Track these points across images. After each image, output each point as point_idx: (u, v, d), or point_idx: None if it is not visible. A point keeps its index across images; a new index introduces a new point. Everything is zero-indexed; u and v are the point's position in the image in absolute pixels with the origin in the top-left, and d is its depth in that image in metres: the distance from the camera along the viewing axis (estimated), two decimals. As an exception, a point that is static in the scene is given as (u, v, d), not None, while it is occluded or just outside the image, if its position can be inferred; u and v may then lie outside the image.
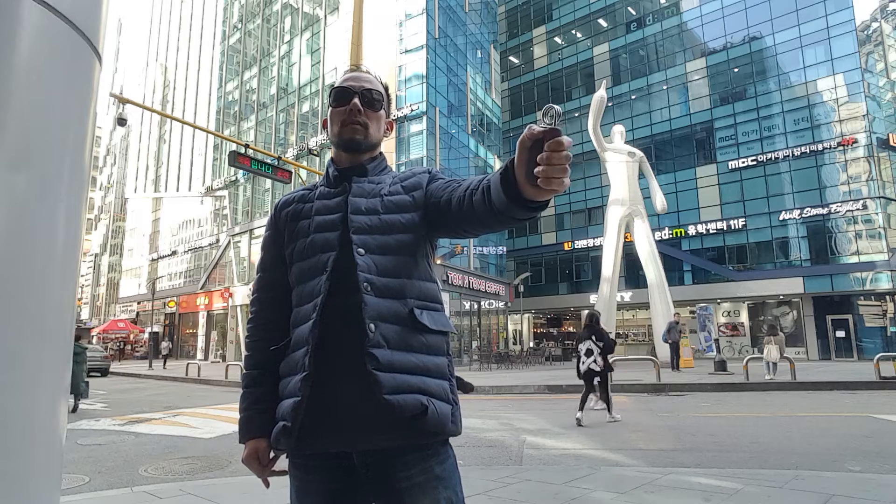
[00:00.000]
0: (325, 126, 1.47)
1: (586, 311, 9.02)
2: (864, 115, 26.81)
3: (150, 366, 26.07)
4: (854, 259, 26.24)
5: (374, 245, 1.27)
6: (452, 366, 1.33)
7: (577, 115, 35.85)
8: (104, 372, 22.91)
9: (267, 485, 1.35)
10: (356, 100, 1.37)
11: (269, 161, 15.20)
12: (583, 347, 8.11)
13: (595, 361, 7.89)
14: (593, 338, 8.00)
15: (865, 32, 29.69)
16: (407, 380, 1.19)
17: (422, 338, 1.26)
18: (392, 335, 1.22)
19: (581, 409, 7.79)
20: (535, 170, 0.92)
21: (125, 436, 7.38)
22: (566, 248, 36.51)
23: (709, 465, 5.07)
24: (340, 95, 1.39)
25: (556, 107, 0.93)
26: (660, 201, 23.37)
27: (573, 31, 39.28)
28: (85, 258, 71.15)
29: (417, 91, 26.26)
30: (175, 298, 38.78)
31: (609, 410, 8.02)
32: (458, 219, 1.25)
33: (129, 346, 39.41)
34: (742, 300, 29.46)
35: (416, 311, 1.27)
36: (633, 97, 35.52)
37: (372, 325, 1.20)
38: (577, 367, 8.22)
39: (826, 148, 27.57)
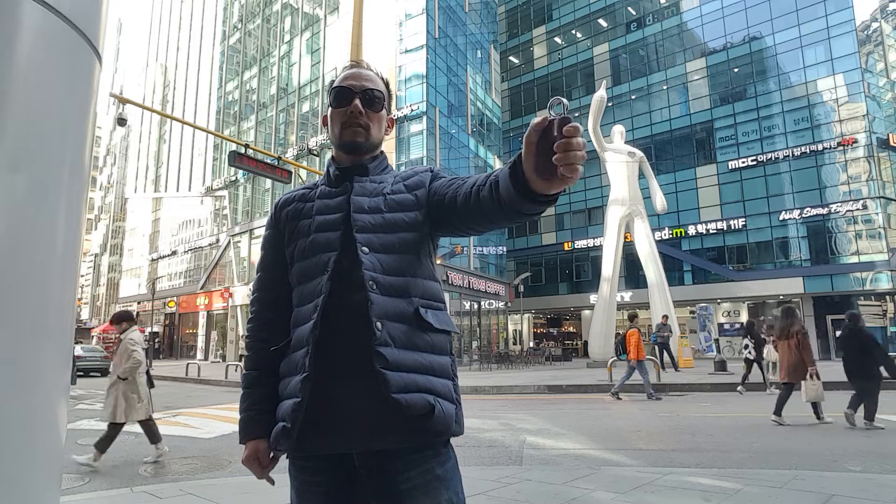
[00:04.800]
0: (324, 124, 1.46)
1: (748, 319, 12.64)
2: (864, 115, 26.81)
3: (150, 366, 26.05)
4: (854, 259, 26.24)
5: (378, 244, 1.26)
6: (455, 366, 1.32)
7: (577, 115, 35.77)
8: (104, 372, 22.91)
9: (271, 482, 1.34)
10: (357, 101, 1.36)
11: (268, 161, 15.20)
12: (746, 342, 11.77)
13: (750, 352, 11.37)
14: (749, 336, 11.54)
15: (865, 32, 29.69)
16: (414, 379, 1.19)
17: (427, 337, 1.26)
18: (398, 334, 1.21)
19: (766, 390, 11.01)
20: (555, 157, 0.91)
21: (125, 436, 7.35)
22: (566, 248, 36.50)
23: (709, 465, 5.07)
24: (341, 96, 1.37)
25: (563, 99, 0.93)
26: (660, 201, 23.33)
27: (573, 31, 39.29)
28: (85, 258, 71.11)
29: (417, 91, 26.26)
30: (175, 298, 38.77)
31: (742, 382, 11.38)
32: (464, 215, 1.24)
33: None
34: (742, 300, 29.46)
35: (422, 310, 1.26)
36: (633, 97, 35.52)
37: (378, 324, 1.19)
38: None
39: (826, 148, 27.58)
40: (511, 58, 42.03)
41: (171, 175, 44.47)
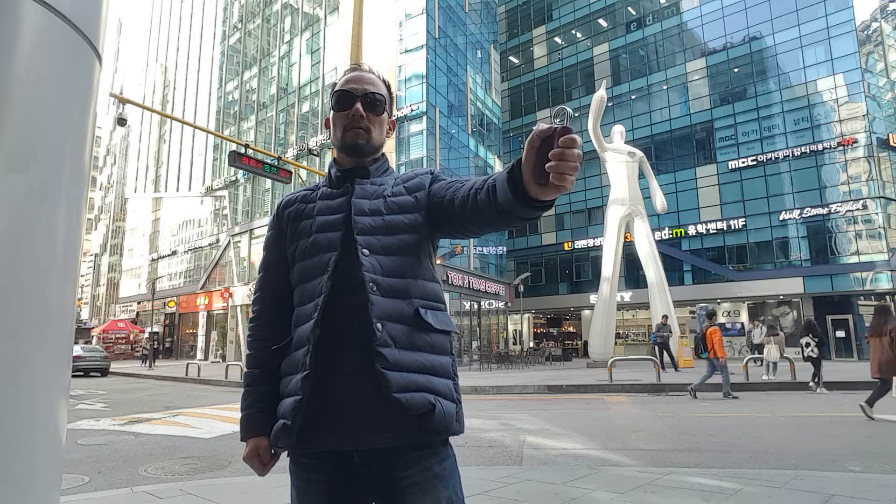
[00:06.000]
0: (327, 126, 1.48)
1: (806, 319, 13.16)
2: (864, 115, 26.81)
3: (150, 366, 26.06)
4: (854, 259, 26.23)
5: (379, 245, 1.28)
6: (456, 365, 1.34)
7: (577, 115, 35.83)
8: (104, 372, 22.90)
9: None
10: (358, 105, 1.38)
11: (269, 161, 15.19)
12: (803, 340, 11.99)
13: (812, 350, 11.57)
14: (810, 335, 11.77)
15: (865, 32, 29.70)
16: (414, 378, 1.20)
17: (427, 337, 1.27)
18: (398, 334, 1.23)
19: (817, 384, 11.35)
20: (548, 165, 0.95)
21: (125, 436, 7.37)
22: (566, 248, 36.50)
23: (709, 465, 5.07)
24: (342, 99, 1.39)
25: (567, 108, 0.96)
26: (660, 201, 23.35)
27: (573, 31, 39.28)
28: (85, 258, 71.12)
29: (417, 91, 26.25)
30: (175, 298, 38.76)
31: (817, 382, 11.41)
32: (462, 218, 1.26)
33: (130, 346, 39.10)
34: (742, 300, 29.45)
35: (422, 311, 1.28)
36: (633, 97, 35.51)
37: (379, 325, 1.20)
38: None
39: (826, 148, 27.57)
40: (511, 58, 42.02)
41: (171, 175, 44.45)
